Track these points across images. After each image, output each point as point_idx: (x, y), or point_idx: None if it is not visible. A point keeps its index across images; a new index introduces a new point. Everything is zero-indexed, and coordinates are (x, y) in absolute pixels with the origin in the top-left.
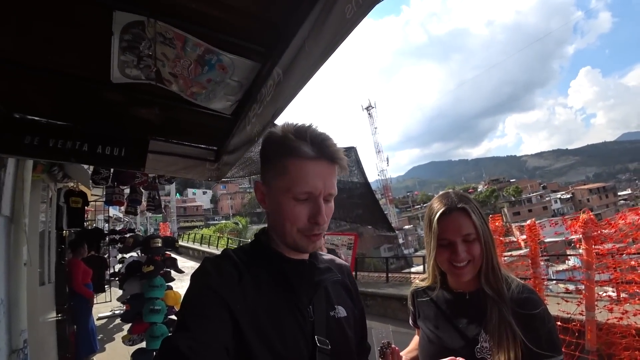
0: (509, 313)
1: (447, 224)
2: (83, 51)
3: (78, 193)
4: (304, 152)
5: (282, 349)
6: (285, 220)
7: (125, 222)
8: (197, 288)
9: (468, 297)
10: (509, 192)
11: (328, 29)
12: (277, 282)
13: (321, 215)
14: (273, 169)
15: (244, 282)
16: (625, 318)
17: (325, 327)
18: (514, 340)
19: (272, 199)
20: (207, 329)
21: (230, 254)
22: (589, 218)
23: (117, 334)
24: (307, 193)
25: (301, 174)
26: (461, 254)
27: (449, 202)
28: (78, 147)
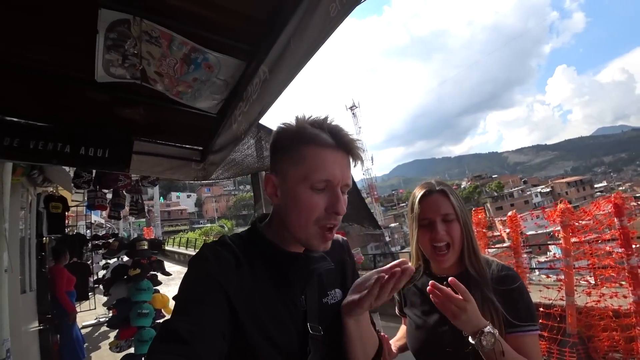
0: (491, 291)
1: (427, 204)
2: (66, 49)
3: (58, 198)
4: (323, 139)
5: (276, 335)
6: (302, 211)
7: (107, 227)
8: (196, 273)
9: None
10: (492, 188)
11: (313, 27)
12: (272, 271)
13: (340, 204)
14: (289, 159)
15: (241, 269)
16: (602, 301)
17: (318, 314)
18: (497, 317)
19: (286, 190)
20: (205, 313)
21: (227, 241)
22: (566, 207)
23: (102, 342)
24: (326, 181)
25: (320, 162)
26: (440, 232)
27: (429, 186)
28: (60, 149)
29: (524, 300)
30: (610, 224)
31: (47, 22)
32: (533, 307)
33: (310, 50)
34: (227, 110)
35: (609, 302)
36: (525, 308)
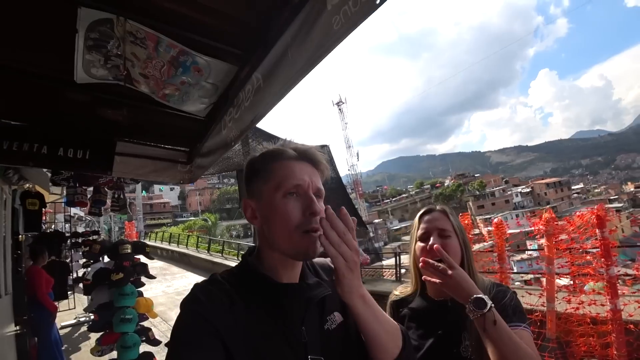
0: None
1: (426, 219)
2: (43, 48)
3: (35, 194)
4: (288, 153)
5: None
6: (281, 220)
7: (87, 221)
8: (188, 316)
9: (450, 304)
10: (474, 187)
11: (313, 38)
12: (268, 307)
13: (315, 204)
14: (260, 179)
15: (235, 308)
16: (581, 308)
17: (319, 344)
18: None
19: (263, 207)
20: (199, 358)
21: (219, 280)
22: (551, 216)
23: (83, 343)
24: (296, 186)
25: (287, 171)
26: (433, 239)
27: (431, 206)
28: (36, 150)
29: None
30: (592, 234)
31: (22, 20)
32: (523, 310)
33: (311, 62)
34: (216, 115)
35: (588, 309)
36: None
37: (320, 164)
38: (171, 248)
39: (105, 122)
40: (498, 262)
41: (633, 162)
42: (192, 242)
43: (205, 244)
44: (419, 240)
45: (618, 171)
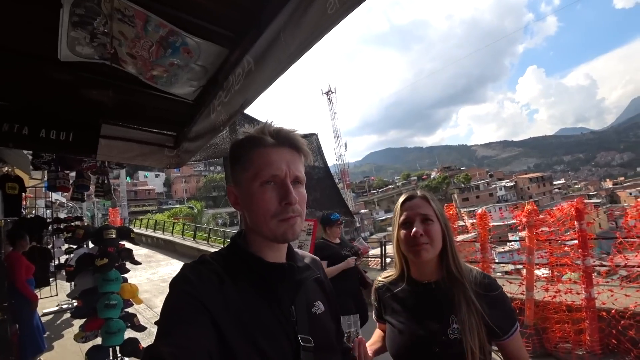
0: (473, 293)
1: (408, 206)
2: (26, 23)
3: (14, 178)
4: (266, 141)
5: (268, 350)
6: (259, 208)
7: (69, 207)
8: (177, 295)
9: (434, 286)
10: (460, 179)
11: (307, 22)
12: (258, 285)
13: (291, 195)
14: (241, 167)
15: (224, 287)
16: (558, 296)
17: (308, 325)
18: (479, 318)
19: (243, 195)
20: (188, 334)
21: (209, 260)
22: (532, 208)
23: (65, 330)
24: (273, 175)
25: (264, 160)
26: (416, 227)
27: (412, 192)
28: (17, 131)
29: (507, 305)
30: (570, 226)
31: None
32: (513, 309)
33: (304, 46)
34: (205, 98)
35: (564, 297)
36: (509, 313)
37: (301, 148)
38: (156, 235)
39: (90, 103)
40: (481, 252)
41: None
42: (178, 230)
43: (191, 231)
44: (402, 226)
45: (598, 168)
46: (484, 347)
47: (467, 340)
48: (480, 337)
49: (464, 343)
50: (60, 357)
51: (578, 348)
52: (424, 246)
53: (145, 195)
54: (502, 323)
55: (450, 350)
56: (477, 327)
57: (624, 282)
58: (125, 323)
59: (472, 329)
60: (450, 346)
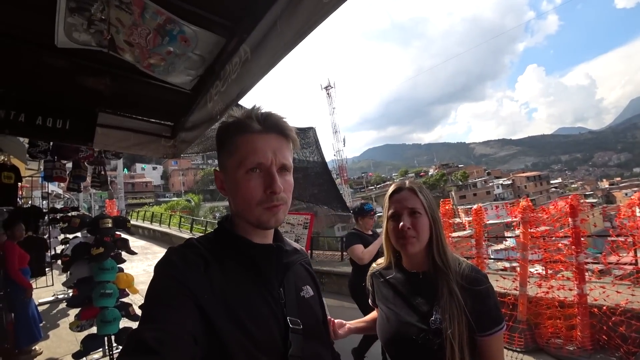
0: (457, 287)
1: (396, 199)
2: (22, 8)
3: (10, 167)
4: (252, 126)
5: (256, 331)
6: (244, 195)
7: (66, 199)
8: (161, 279)
9: (422, 277)
10: (457, 177)
11: (303, 10)
12: (245, 267)
13: (276, 184)
14: (227, 152)
15: (210, 270)
16: (550, 292)
17: (297, 308)
18: (461, 310)
19: (229, 181)
20: (172, 318)
21: (194, 243)
22: (527, 205)
23: (61, 320)
24: (258, 163)
25: (250, 147)
26: (404, 222)
27: (400, 184)
28: (13, 117)
29: (491, 302)
30: (564, 223)
31: None
32: (499, 308)
33: (299, 36)
34: (202, 88)
35: (557, 294)
36: (493, 311)
37: (290, 135)
38: (153, 227)
39: (87, 91)
40: (475, 247)
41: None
42: (175, 222)
43: (188, 224)
44: (390, 219)
45: (595, 168)
46: (464, 338)
47: (446, 330)
48: (460, 329)
49: (444, 332)
50: (56, 346)
51: (569, 344)
52: (410, 240)
53: (143, 187)
54: (482, 319)
55: (432, 338)
56: (457, 318)
57: (616, 278)
58: (120, 312)
59: (452, 318)
60: (432, 335)
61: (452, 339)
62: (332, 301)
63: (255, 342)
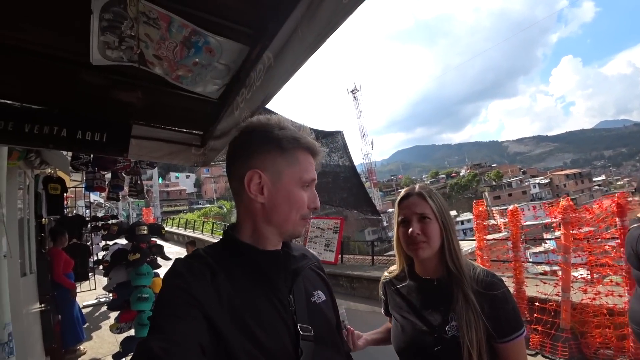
0: (473, 292)
1: (405, 205)
2: (60, 30)
3: (57, 179)
4: (312, 148)
5: (265, 340)
6: (293, 208)
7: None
8: (169, 289)
9: (436, 283)
10: (490, 177)
11: (323, 13)
12: (253, 275)
13: (317, 200)
14: (284, 160)
15: (217, 280)
16: (597, 298)
17: (307, 314)
18: (477, 317)
19: (278, 189)
20: (179, 328)
21: (201, 253)
22: (568, 204)
23: (103, 322)
24: (312, 180)
25: (308, 165)
26: (413, 227)
27: (409, 190)
28: (56, 133)
29: (509, 307)
30: (611, 223)
31: (39, 3)
32: (518, 313)
33: (320, 39)
34: (228, 96)
35: (604, 300)
36: (511, 316)
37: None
38: (187, 234)
39: (120, 105)
40: (512, 250)
41: None
42: (208, 228)
43: (221, 230)
44: (400, 225)
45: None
46: (482, 346)
47: (464, 337)
48: (478, 336)
49: (461, 340)
50: (98, 346)
51: (620, 355)
52: (421, 245)
53: (177, 195)
54: (500, 325)
55: (448, 346)
56: (474, 324)
57: None
58: None
59: (469, 326)
60: (448, 343)
61: (470, 346)
62: (364, 306)
63: (265, 351)
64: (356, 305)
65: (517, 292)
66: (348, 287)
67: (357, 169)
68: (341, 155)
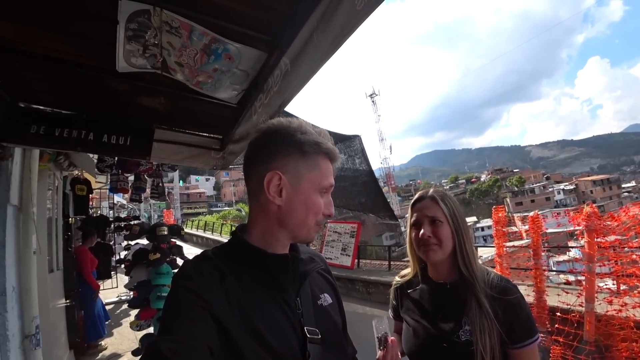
0: (487, 297)
1: (417, 208)
2: (88, 40)
3: (83, 181)
4: (332, 154)
5: (273, 342)
6: (310, 213)
7: (129, 209)
8: (178, 291)
9: (449, 287)
10: (512, 182)
11: (337, 20)
12: (261, 278)
13: (332, 207)
14: (305, 164)
15: (226, 282)
16: (624, 310)
17: (314, 317)
18: (491, 322)
19: (297, 192)
20: (188, 330)
21: (210, 255)
22: (592, 211)
23: (124, 319)
24: (330, 186)
25: (327, 171)
26: (424, 230)
27: (422, 193)
28: (84, 136)
29: (523, 313)
30: (639, 231)
31: (69, 14)
32: (532, 319)
33: (334, 45)
34: (247, 101)
35: (631, 312)
36: (525, 322)
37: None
38: (206, 235)
39: (144, 110)
40: (533, 258)
41: None
42: (226, 231)
43: None
44: (412, 227)
45: None
46: (495, 352)
47: (477, 342)
48: (492, 341)
49: (474, 345)
50: (119, 342)
51: None
52: (432, 247)
53: (197, 198)
54: (514, 331)
55: (461, 351)
56: (488, 329)
57: None
58: None
59: (482, 331)
60: (461, 347)
61: (484, 352)
62: (380, 312)
63: (272, 353)
64: (372, 310)
65: (537, 301)
66: (364, 291)
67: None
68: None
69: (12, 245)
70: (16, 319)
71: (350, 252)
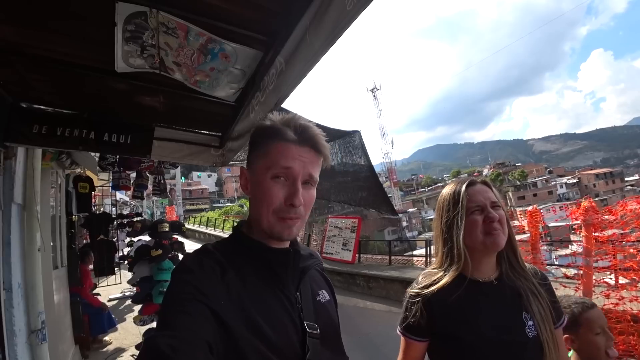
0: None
1: (475, 192)
2: (87, 42)
3: (85, 178)
4: (288, 135)
5: (273, 337)
6: (263, 202)
7: (132, 205)
8: (178, 285)
9: (497, 283)
10: (514, 176)
11: (328, 19)
12: (262, 272)
13: (297, 197)
14: (258, 153)
15: (227, 275)
16: (621, 304)
17: (313, 312)
18: (548, 309)
19: (253, 182)
20: (187, 325)
21: (210, 249)
22: (590, 205)
23: (127, 315)
24: (285, 169)
25: (281, 155)
26: (492, 213)
27: (470, 178)
28: (85, 135)
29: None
30: (637, 225)
31: (69, 17)
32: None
33: (326, 44)
34: (244, 99)
35: (628, 306)
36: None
37: (322, 152)
38: (208, 231)
39: (144, 109)
40: (531, 252)
41: None
42: (229, 227)
43: None
44: (471, 214)
45: None
46: (554, 336)
47: (544, 334)
48: (551, 327)
49: (541, 338)
50: (123, 337)
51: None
52: (501, 233)
53: (199, 194)
54: (557, 311)
55: (533, 347)
56: (548, 317)
57: None
58: None
59: (547, 322)
60: (533, 345)
61: (548, 341)
62: (380, 306)
63: (272, 348)
64: (372, 305)
65: None
66: (365, 286)
67: (374, 169)
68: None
69: (17, 243)
70: (22, 315)
71: (351, 247)
